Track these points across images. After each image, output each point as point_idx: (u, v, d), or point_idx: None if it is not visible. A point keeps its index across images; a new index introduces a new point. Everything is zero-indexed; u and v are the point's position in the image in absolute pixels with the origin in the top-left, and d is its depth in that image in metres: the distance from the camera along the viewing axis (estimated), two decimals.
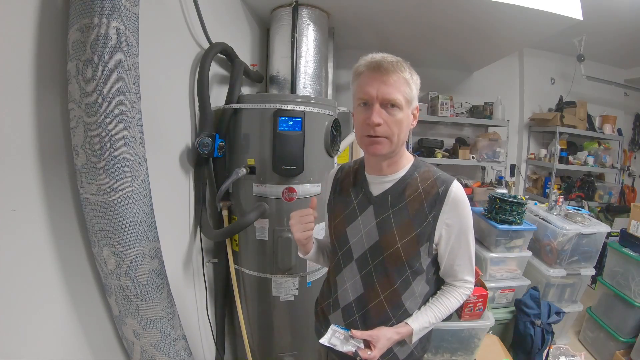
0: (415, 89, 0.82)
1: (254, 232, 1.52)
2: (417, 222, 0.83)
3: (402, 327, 0.85)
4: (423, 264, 0.86)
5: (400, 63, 0.79)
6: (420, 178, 0.86)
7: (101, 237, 0.85)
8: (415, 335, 0.86)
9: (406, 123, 0.81)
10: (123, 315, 0.94)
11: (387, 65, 0.77)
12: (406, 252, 0.83)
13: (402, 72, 0.78)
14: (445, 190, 0.83)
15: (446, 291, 0.91)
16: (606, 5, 2.32)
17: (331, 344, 0.82)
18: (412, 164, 0.89)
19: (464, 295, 0.90)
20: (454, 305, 0.89)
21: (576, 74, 3.27)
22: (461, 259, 0.87)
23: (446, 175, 0.86)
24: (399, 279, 0.86)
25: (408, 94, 0.79)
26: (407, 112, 0.81)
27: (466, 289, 0.91)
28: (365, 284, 0.90)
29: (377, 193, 0.88)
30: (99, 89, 0.78)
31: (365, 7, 2.01)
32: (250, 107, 1.47)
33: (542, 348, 1.91)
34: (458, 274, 0.89)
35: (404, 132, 0.81)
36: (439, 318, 0.88)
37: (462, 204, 0.84)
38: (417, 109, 0.85)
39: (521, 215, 2.02)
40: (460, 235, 0.85)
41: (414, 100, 0.82)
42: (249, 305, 1.63)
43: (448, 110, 3.07)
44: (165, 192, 1.22)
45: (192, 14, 1.36)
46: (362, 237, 0.89)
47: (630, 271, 2.09)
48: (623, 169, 3.63)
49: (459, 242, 0.85)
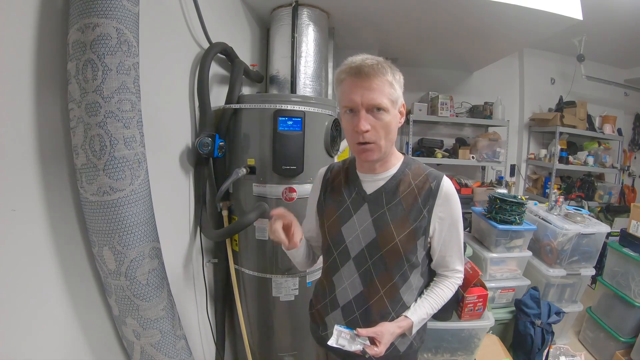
0: (399, 88, 0.82)
1: (254, 232, 1.52)
2: (412, 217, 0.85)
3: (402, 321, 0.88)
4: (419, 257, 0.89)
5: (380, 65, 0.78)
6: (412, 174, 0.89)
7: (101, 237, 0.85)
8: (415, 327, 0.89)
9: (394, 124, 0.83)
10: (123, 315, 0.94)
11: (368, 69, 0.76)
12: (404, 246, 0.85)
13: (383, 74, 0.78)
14: (437, 185, 0.86)
15: (439, 282, 0.94)
16: (606, 5, 2.32)
17: (339, 345, 0.83)
18: (402, 162, 0.91)
19: (455, 284, 0.94)
20: (447, 295, 0.93)
21: (576, 74, 3.27)
22: (452, 249, 0.91)
23: (436, 171, 0.90)
24: (397, 273, 0.88)
25: (392, 95, 0.80)
26: (393, 112, 0.82)
27: (457, 278, 0.94)
28: (365, 282, 0.90)
29: (371, 191, 0.90)
30: (99, 89, 0.78)
31: (365, 7, 2.01)
32: (250, 107, 1.47)
33: (542, 348, 1.91)
34: (450, 264, 0.93)
35: (392, 133, 0.83)
36: (435, 308, 0.91)
37: (453, 197, 0.87)
38: (404, 106, 0.86)
39: (521, 215, 2.02)
40: (451, 227, 0.88)
41: (399, 99, 0.83)
42: (249, 305, 1.63)
43: (448, 110, 3.07)
44: (165, 192, 1.22)
45: (192, 14, 1.36)
46: (358, 235, 0.89)
47: (630, 271, 2.09)
48: (623, 169, 3.63)
49: (451, 234, 0.89)
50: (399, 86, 0.82)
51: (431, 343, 1.73)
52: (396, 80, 0.81)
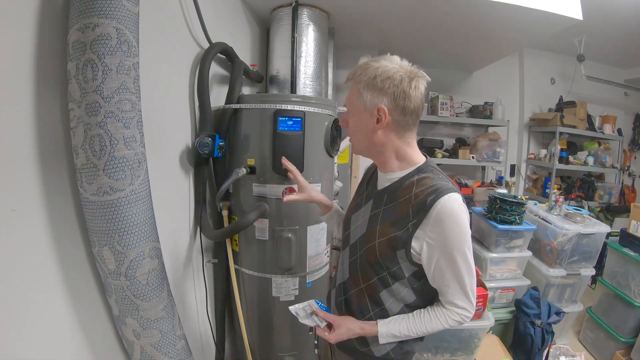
0: (367, 90, 0.80)
1: (254, 232, 1.52)
2: (398, 225, 0.81)
3: (368, 325, 0.88)
4: (404, 269, 0.84)
5: (358, 70, 0.83)
6: (417, 183, 0.83)
7: (101, 237, 0.85)
8: (381, 337, 0.85)
9: (361, 128, 0.85)
10: (123, 315, 0.94)
11: (350, 74, 0.85)
12: (381, 250, 0.84)
13: (356, 81, 0.83)
14: (432, 202, 0.76)
15: (433, 310, 0.86)
16: (606, 5, 2.32)
17: (296, 313, 0.93)
18: (417, 167, 0.86)
19: (450, 320, 0.84)
20: (434, 327, 0.84)
21: (576, 74, 3.27)
22: (449, 280, 0.80)
23: (444, 186, 0.78)
24: (375, 275, 0.87)
25: (359, 99, 0.83)
26: (359, 117, 0.84)
27: (456, 314, 0.84)
28: (351, 270, 0.95)
29: (379, 189, 0.92)
30: (99, 89, 0.78)
31: (365, 7, 2.01)
32: (250, 107, 1.47)
33: (542, 348, 1.91)
34: (447, 295, 0.83)
35: (358, 134, 0.87)
36: (414, 332, 0.85)
37: (448, 220, 0.75)
38: (379, 110, 0.80)
39: (521, 215, 2.02)
40: (445, 256, 0.78)
41: (369, 103, 0.81)
42: (249, 305, 1.63)
43: (448, 110, 3.07)
44: (165, 192, 1.22)
45: (192, 14, 1.36)
46: (358, 227, 0.94)
47: (630, 271, 2.09)
48: (623, 169, 3.63)
49: (445, 262, 0.78)
50: (367, 88, 0.80)
51: (431, 343, 1.73)
52: (361, 82, 0.81)
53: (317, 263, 1.62)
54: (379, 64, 0.80)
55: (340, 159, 2.33)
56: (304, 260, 1.58)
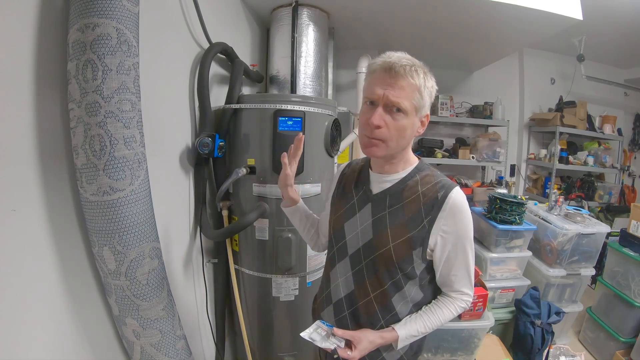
0: (428, 97, 0.79)
1: (254, 232, 1.52)
2: (411, 225, 0.81)
3: (387, 332, 0.84)
4: (416, 268, 0.84)
5: (414, 68, 0.76)
6: (421, 181, 0.84)
7: (101, 237, 0.85)
8: (401, 342, 0.84)
9: (410, 130, 0.80)
10: (123, 315, 0.94)
11: (400, 69, 0.75)
12: (397, 254, 0.82)
13: (413, 78, 0.75)
14: (444, 196, 0.80)
15: (441, 301, 0.88)
16: (606, 5, 2.32)
17: (311, 339, 0.83)
18: (415, 167, 0.87)
19: (459, 307, 0.87)
20: (446, 317, 0.86)
21: (576, 74, 3.27)
22: (458, 269, 0.84)
23: (448, 181, 0.83)
24: (389, 280, 0.85)
25: (417, 101, 0.77)
26: (413, 119, 0.79)
27: (462, 301, 0.87)
28: (356, 281, 0.89)
29: (377, 191, 0.88)
30: (99, 89, 0.78)
31: (365, 7, 2.01)
32: (250, 107, 1.47)
33: (542, 348, 1.91)
34: (454, 285, 0.86)
35: (405, 138, 0.80)
36: (429, 328, 0.86)
37: (460, 211, 0.80)
38: (427, 117, 0.83)
39: (521, 215, 2.02)
40: (457, 244, 0.82)
41: (424, 109, 0.80)
42: (249, 305, 1.63)
43: (448, 110, 3.07)
44: (165, 192, 1.22)
45: (192, 14, 1.36)
46: (357, 234, 0.89)
47: (630, 271, 2.09)
48: (623, 169, 3.63)
49: (456, 252, 0.82)
50: (429, 95, 0.79)
51: (431, 343, 1.73)
52: (426, 88, 0.78)
53: (317, 263, 1.62)
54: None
55: (340, 159, 2.33)
56: (304, 260, 1.58)
